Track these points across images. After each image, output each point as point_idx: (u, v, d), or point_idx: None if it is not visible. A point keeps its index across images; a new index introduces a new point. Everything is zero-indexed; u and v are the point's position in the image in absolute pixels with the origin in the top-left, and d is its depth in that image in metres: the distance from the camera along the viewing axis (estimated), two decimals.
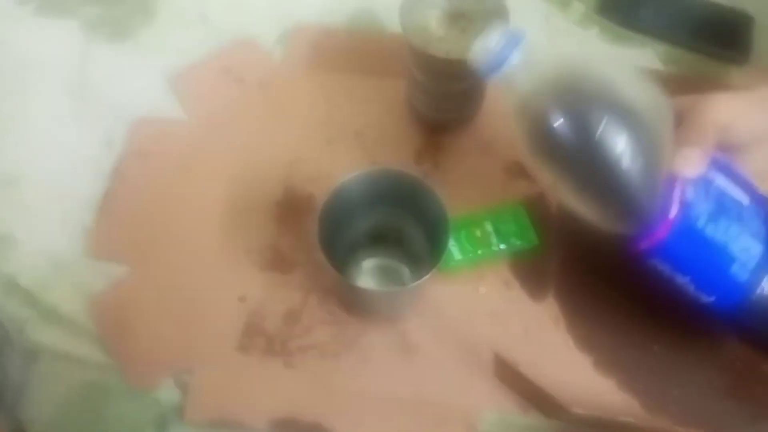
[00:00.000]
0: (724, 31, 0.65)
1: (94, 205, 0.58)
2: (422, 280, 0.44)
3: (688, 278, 0.42)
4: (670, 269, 0.42)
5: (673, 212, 0.40)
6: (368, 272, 0.54)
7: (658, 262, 0.42)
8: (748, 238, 0.41)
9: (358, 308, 0.52)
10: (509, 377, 0.50)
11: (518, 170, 0.57)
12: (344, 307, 0.52)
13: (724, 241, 0.40)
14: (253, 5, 0.68)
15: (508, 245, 0.54)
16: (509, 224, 0.55)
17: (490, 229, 0.54)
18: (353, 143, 0.60)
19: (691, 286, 0.42)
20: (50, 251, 0.56)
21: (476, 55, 0.41)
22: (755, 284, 0.41)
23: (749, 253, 0.41)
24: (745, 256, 0.41)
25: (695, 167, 0.40)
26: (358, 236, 0.52)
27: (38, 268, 0.55)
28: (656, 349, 0.50)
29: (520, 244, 0.54)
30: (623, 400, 0.49)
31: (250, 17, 0.67)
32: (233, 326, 0.52)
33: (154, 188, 0.58)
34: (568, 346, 0.51)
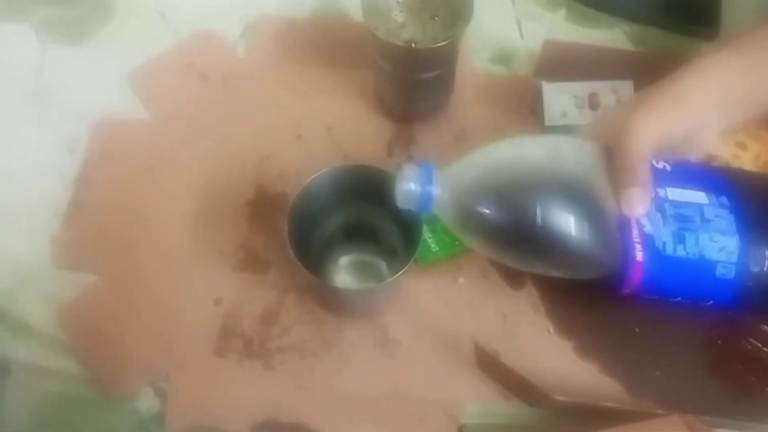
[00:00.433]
0: (692, 7, 0.65)
1: (59, 212, 0.56)
2: (397, 275, 0.43)
3: (679, 297, 0.43)
4: (658, 297, 0.43)
5: (638, 255, 0.40)
6: (345, 269, 0.53)
7: (645, 295, 0.42)
8: (719, 237, 0.41)
9: (335, 306, 0.51)
10: (490, 367, 0.49)
11: None
12: (322, 305, 0.52)
13: (698, 253, 0.40)
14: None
15: None
16: None
17: None
18: (323, 138, 0.59)
19: (686, 300, 0.43)
20: (16, 262, 0.54)
21: (402, 204, 0.41)
22: (745, 274, 0.41)
23: (727, 250, 0.41)
24: (724, 255, 0.41)
25: (640, 206, 0.39)
26: (332, 233, 0.52)
27: (4, 279, 0.54)
28: (637, 331, 0.50)
29: None
30: (605, 384, 0.49)
31: (211, 11, 0.65)
32: (209, 330, 0.51)
33: (120, 192, 0.57)
34: (548, 332, 0.51)
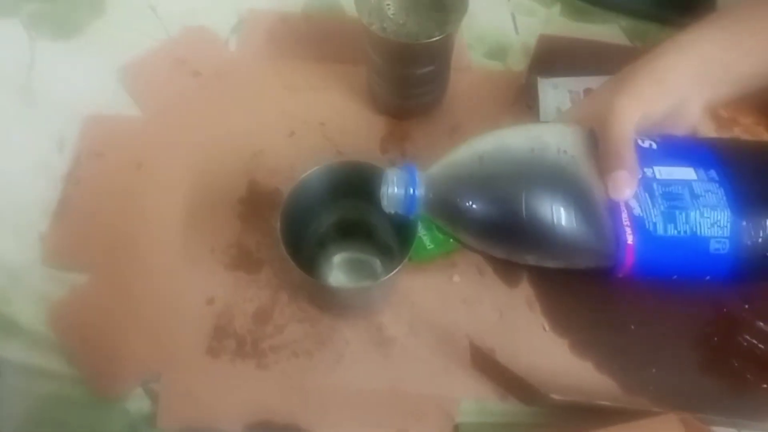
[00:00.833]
0: (687, 0, 0.64)
1: (48, 210, 0.55)
2: (391, 274, 0.43)
3: (675, 276, 0.42)
4: (654, 277, 0.42)
5: (629, 238, 0.39)
6: (339, 267, 0.53)
7: (640, 278, 0.42)
8: (710, 212, 0.40)
9: (329, 305, 0.51)
10: (486, 366, 0.49)
11: None
12: (316, 303, 0.51)
13: (689, 230, 0.40)
14: None
15: None
16: None
17: None
18: (317, 134, 0.58)
19: (682, 278, 0.42)
20: (5, 261, 0.53)
21: (388, 208, 0.41)
22: (740, 247, 0.40)
23: (719, 224, 0.40)
24: (716, 230, 0.40)
25: (627, 189, 0.39)
26: (326, 230, 0.51)
27: None
28: (633, 328, 0.50)
29: None
30: (601, 381, 0.49)
31: (202, 6, 0.65)
32: (201, 329, 0.51)
33: (110, 190, 0.56)
34: (543, 329, 0.51)
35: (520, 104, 0.59)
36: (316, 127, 0.59)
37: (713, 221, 0.40)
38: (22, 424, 0.48)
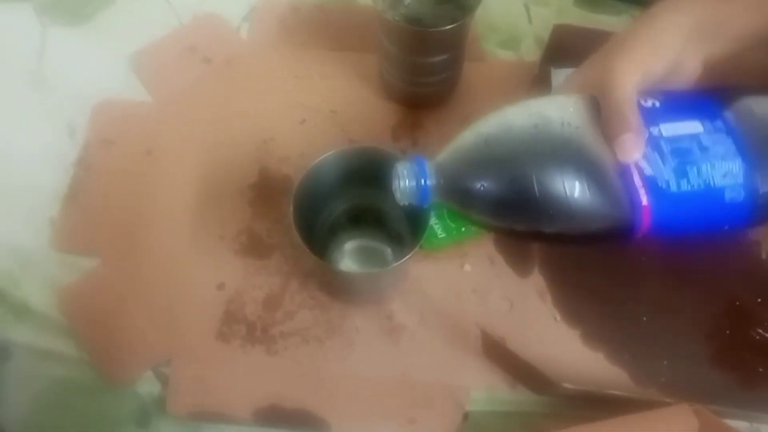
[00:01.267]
0: None
1: (59, 196, 0.55)
2: (403, 260, 0.42)
3: (693, 230, 0.41)
4: (673, 235, 0.41)
5: (644, 199, 0.39)
6: (350, 254, 0.53)
7: (659, 237, 0.41)
8: (721, 162, 0.39)
9: (340, 291, 0.51)
10: (496, 354, 0.49)
11: None
12: (326, 290, 0.51)
13: (702, 183, 0.39)
14: None
15: None
16: None
17: None
18: (328, 121, 0.58)
19: (700, 231, 0.42)
20: (16, 246, 0.53)
21: (401, 201, 0.40)
22: (755, 192, 0.40)
23: (731, 173, 0.39)
24: (730, 179, 0.39)
25: (635, 150, 0.38)
26: (337, 218, 0.51)
27: (4, 262, 0.53)
28: (644, 320, 0.50)
29: None
30: (612, 372, 0.48)
31: None
32: (212, 315, 0.51)
33: (121, 176, 0.56)
34: (555, 320, 0.50)
35: (532, 94, 0.58)
36: (327, 115, 0.58)
37: (725, 171, 0.39)
38: (31, 407, 0.49)
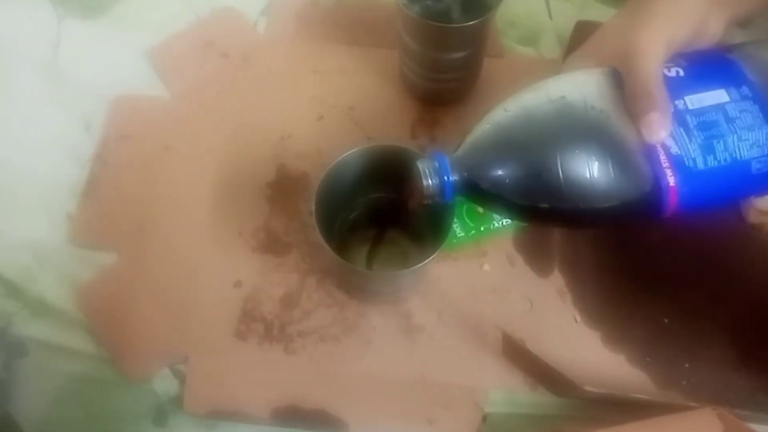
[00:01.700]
0: None
1: (76, 191, 0.55)
2: (425, 262, 0.42)
3: (719, 204, 0.41)
4: (701, 210, 0.40)
5: (671, 180, 0.38)
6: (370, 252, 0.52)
7: (687, 213, 0.41)
8: (747, 134, 0.38)
9: (359, 290, 0.50)
10: (516, 355, 0.48)
11: None
12: (344, 288, 0.51)
13: (729, 158, 0.38)
14: None
15: (511, 220, 0.52)
16: None
17: None
18: (346, 118, 0.58)
19: (726, 204, 0.41)
20: (33, 241, 0.53)
21: (429, 198, 0.40)
22: None
23: (758, 144, 0.38)
24: (756, 150, 0.38)
25: (662, 130, 0.37)
26: (357, 216, 0.50)
27: (21, 259, 0.53)
28: (666, 322, 0.49)
29: None
30: (633, 375, 0.48)
31: None
32: (229, 312, 0.50)
33: (138, 171, 0.56)
34: (575, 321, 0.50)
35: None
36: (345, 111, 0.58)
37: (752, 142, 0.38)
38: (48, 403, 0.49)
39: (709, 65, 0.40)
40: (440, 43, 0.51)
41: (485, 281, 0.51)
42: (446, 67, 0.53)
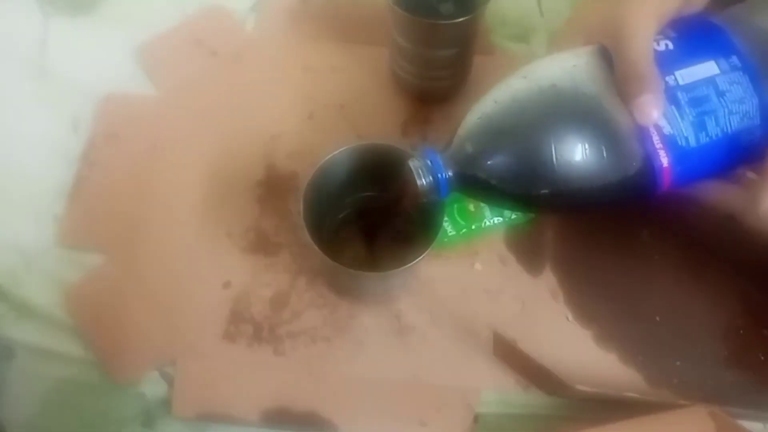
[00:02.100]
0: None
1: (63, 191, 0.54)
2: (415, 261, 0.42)
3: (709, 176, 0.40)
4: (695, 183, 0.41)
5: (664, 161, 0.38)
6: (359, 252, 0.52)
7: (675, 190, 0.40)
8: (738, 106, 0.38)
9: (349, 290, 0.50)
10: (508, 355, 0.48)
11: None
12: (335, 289, 0.50)
13: (720, 132, 0.38)
14: None
15: (502, 219, 0.52)
16: None
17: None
18: (336, 116, 0.57)
19: (722, 173, 0.41)
20: (19, 243, 0.53)
21: (424, 197, 0.40)
22: None
23: (749, 115, 0.38)
24: (746, 122, 0.38)
25: (655, 111, 0.36)
26: (347, 215, 0.50)
27: (7, 259, 0.52)
28: (657, 320, 0.49)
29: (515, 217, 0.52)
30: (625, 373, 0.48)
31: None
32: (218, 314, 0.50)
33: (126, 171, 0.55)
34: (567, 320, 0.50)
35: None
36: (335, 109, 0.57)
37: (742, 114, 0.38)
38: (35, 407, 0.48)
39: (697, 35, 0.39)
40: (430, 40, 0.50)
41: (477, 281, 0.51)
42: (436, 64, 0.53)
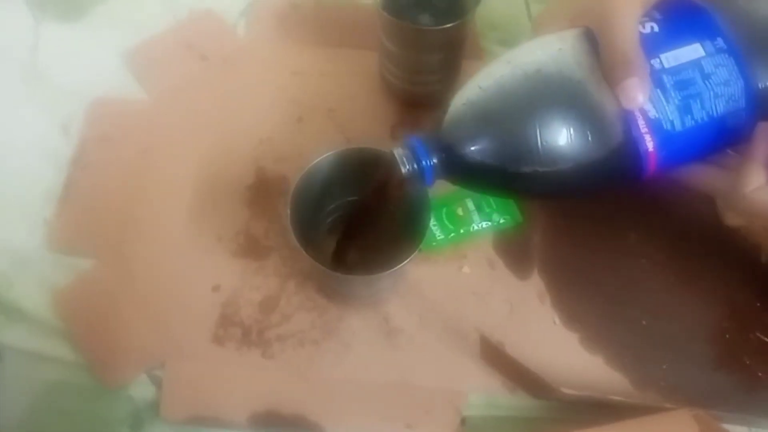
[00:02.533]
0: None
1: (54, 195, 0.54)
2: (402, 264, 0.42)
3: (695, 160, 0.41)
4: (677, 167, 0.41)
5: (649, 145, 0.38)
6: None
7: (667, 172, 0.41)
8: (723, 89, 0.38)
9: (338, 294, 0.50)
10: (495, 358, 0.48)
11: None
12: (324, 292, 0.50)
13: (706, 116, 0.38)
14: None
15: (491, 223, 0.52)
16: (491, 201, 0.53)
17: (471, 207, 0.52)
18: (325, 120, 0.57)
19: (708, 156, 0.41)
20: (9, 247, 0.53)
21: (408, 185, 0.40)
22: (756, 113, 0.39)
23: (733, 98, 0.38)
24: (732, 104, 0.38)
25: (640, 95, 0.36)
26: (335, 219, 0.50)
27: None
28: (644, 323, 0.49)
29: (503, 221, 0.52)
30: (611, 376, 0.48)
31: None
32: (207, 317, 0.50)
33: (117, 175, 0.55)
34: (554, 323, 0.50)
35: None
36: (324, 113, 0.58)
37: (728, 97, 0.38)
38: (24, 410, 0.48)
39: (682, 16, 0.39)
40: (419, 45, 0.51)
41: (465, 284, 0.51)
42: (425, 69, 0.53)
